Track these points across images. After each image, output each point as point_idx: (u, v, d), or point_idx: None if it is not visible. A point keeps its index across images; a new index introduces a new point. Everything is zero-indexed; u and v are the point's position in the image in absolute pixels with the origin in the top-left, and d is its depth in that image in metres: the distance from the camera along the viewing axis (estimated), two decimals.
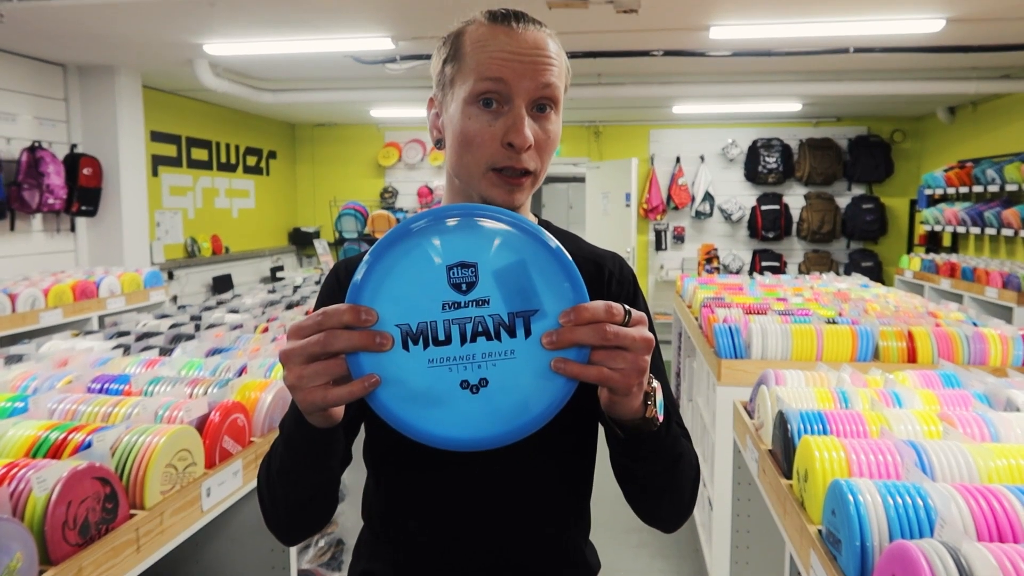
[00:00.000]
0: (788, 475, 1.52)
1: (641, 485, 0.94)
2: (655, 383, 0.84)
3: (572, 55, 5.19)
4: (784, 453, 1.56)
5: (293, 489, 0.89)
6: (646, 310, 0.98)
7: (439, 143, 0.99)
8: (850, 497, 1.11)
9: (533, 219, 1.06)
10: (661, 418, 0.85)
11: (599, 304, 0.72)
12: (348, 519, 2.67)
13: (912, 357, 2.58)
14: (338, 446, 0.87)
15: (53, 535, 1.19)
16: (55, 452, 1.44)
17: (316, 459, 0.86)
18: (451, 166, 0.96)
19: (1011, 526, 1.05)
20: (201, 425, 1.65)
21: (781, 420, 1.59)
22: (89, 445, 1.41)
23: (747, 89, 6.38)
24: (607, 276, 1.04)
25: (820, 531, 1.27)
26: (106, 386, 1.90)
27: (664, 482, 0.92)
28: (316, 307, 1.03)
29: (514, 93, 0.89)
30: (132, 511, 1.39)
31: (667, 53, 5.21)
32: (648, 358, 0.75)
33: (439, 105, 0.97)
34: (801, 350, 2.64)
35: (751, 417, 1.96)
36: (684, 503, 0.96)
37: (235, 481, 1.71)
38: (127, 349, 2.44)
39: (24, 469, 1.25)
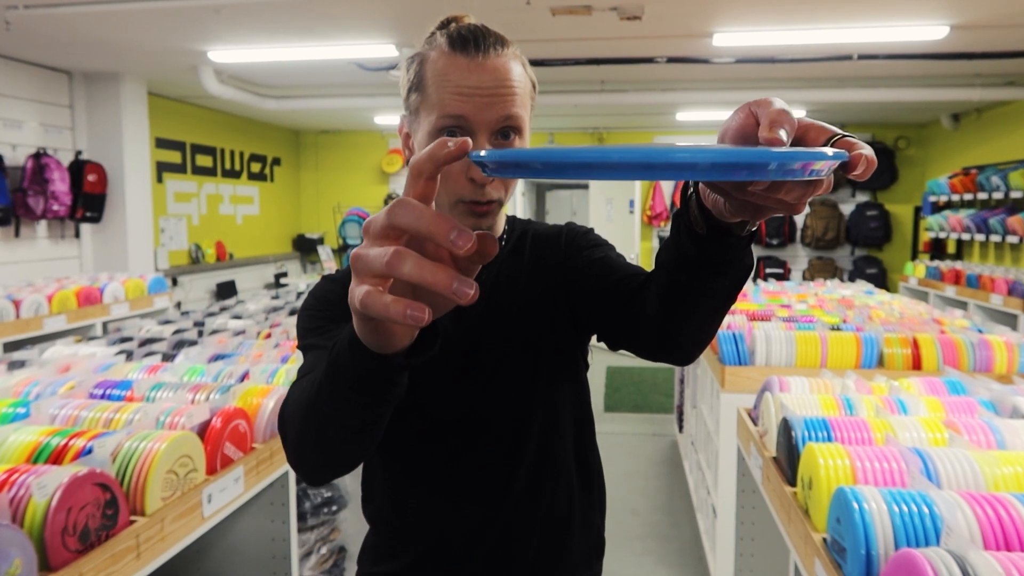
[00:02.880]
0: (792, 482, 1.51)
1: (706, 298, 0.80)
2: None
3: (576, 62, 5.25)
4: (788, 460, 1.55)
5: (331, 423, 0.73)
6: (604, 244, 1.06)
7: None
8: (855, 505, 1.10)
9: (504, 218, 1.09)
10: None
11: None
12: (351, 525, 2.66)
13: (917, 364, 2.56)
14: (395, 389, 0.68)
15: (53, 541, 1.19)
16: (56, 458, 1.44)
17: (361, 393, 0.67)
18: None
19: (1018, 534, 1.04)
20: (203, 431, 1.64)
21: (785, 427, 1.58)
22: (90, 451, 1.41)
23: (750, 96, 6.31)
24: (563, 236, 1.09)
25: (825, 539, 1.26)
26: (108, 392, 1.90)
27: (724, 294, 0.80)
28: (304, 315, 0.98)
29: (475, 127, 0.90)
30: (132, 517, 1.38)
31: (670, 60, 5.21)
32: None
33: (409, 127, 0.98)
34: (805, 357, 2.62)
35: (755, 424, 1.95)
36: (718, 326, 0.88)
37: (237, 487, 1.70)
38: (130, 355, 2.44)
39: (24, 475, 1.25)
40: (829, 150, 0.52)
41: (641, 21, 4.17)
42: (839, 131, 0.55)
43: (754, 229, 0.71)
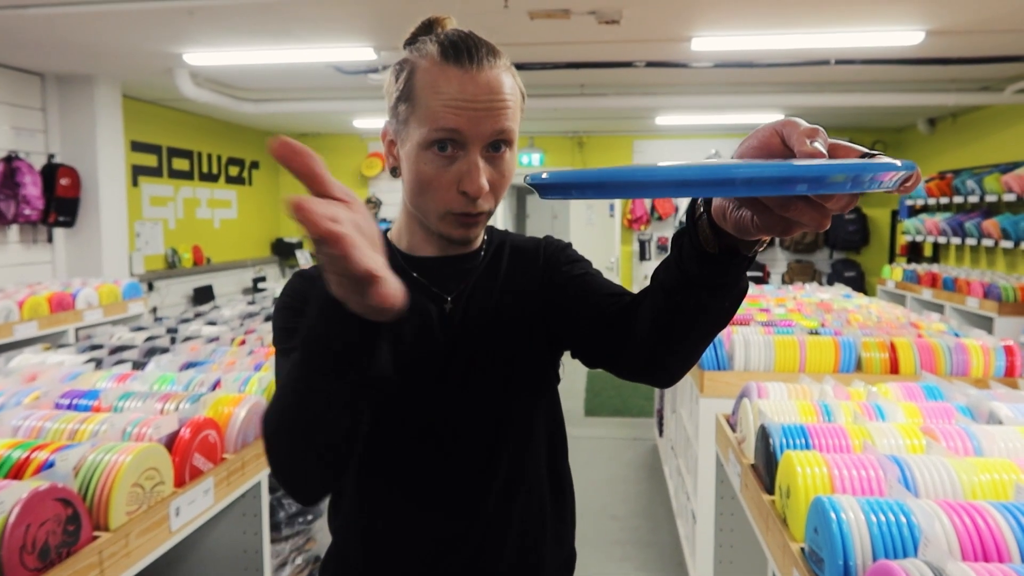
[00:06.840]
0: (770, 490, 1.50)
1: (702, 320, 0.80)
2: None
3: (555, 66, 5.24)
4: (766, 468, 1.54)
5: (308, 411, 0.73)
6: (583, 260, 1.08)
7: (394, 171, 0.98)
8: (833, 515, 1.09)
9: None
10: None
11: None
12: (326, 535, 2.62)
13: (894, 368, 2.57)
14: (374, 361, 0.70)
15: (10, 560, 1.15)
16: (17, 472, 1.39)
17: (341, 365, 0.68)
18: (408, 200, 0.98)
19: (996, 544, 1.03)
20: (170, 442, 1.60)
21: (763, 434, 1.57)
22: (52, 464, 1.36)
23: (729, 100, 6.41)
24: (542, 248, 1.10)
25: (803, 549, 1.24)
26: (74, 402, 1.85)
27: (722, 316, 0.80)
28: (280, 315, 0.95)
29: (468, 141, 0.89)
30: (96, 533, 1.34)
31: (649, 64, 5.21)
32: None
33: (394, 135, 0.96)
34: (784, 361, 2.62)
35: (733, 430, 1.94)
36: (704, 350, 0.88)
37: (206, 499, 1.66)
38: (99, 363, 2.39)
39: None
40: (898, 161, 0.52)
41: (619, 25, 4.17)
42: (865, 149, 0.56)
43: (762, 250, 0.72)
